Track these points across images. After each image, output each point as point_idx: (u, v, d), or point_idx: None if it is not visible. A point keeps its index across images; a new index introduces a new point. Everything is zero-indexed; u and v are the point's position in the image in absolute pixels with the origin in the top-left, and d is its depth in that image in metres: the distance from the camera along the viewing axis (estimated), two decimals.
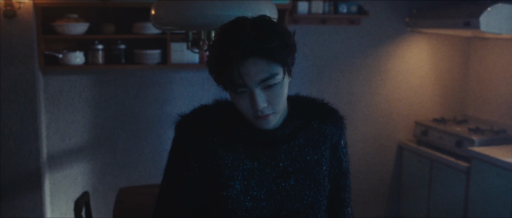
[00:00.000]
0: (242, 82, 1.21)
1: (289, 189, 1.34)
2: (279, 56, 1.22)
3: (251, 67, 1.20)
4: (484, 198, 3.53)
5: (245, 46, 1.19)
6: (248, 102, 1.24)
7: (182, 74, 3.85)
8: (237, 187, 1.32)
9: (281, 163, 1.35)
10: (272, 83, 1.23)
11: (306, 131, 1.39)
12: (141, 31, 3.54)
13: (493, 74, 4.24)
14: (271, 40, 1.20)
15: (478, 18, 3.48)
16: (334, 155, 1.44)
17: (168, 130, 3.88)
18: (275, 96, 1.25)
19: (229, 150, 1.33)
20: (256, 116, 1.26)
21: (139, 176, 3.86)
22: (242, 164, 1.33)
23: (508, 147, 3.70)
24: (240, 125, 1.35)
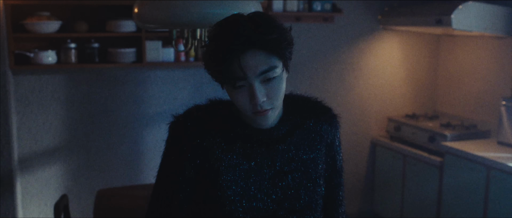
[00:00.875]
0: (241, 75, 1.20)
1: (286, 189, 1.34)
2: (278, 48, 1.22)
3: (251, 59, 1.20)
4: (457, 191, 3.62)
5: (245, 38, 1.19)
6: (247, 97, 1.23)
7: (157, 72, 3.80)
8: (234, 188, 1.31)
9: (277, 163, 1.34)
10: (271, 76, 1.23)
11: (301, 130, 1.38)
12: (115, 29, 3.47)
13: (462, 71, 4.34)
14: (269, 32, 1.20)
15: (450, 16, 3.56)
16: (329, 153, 1.44)
17: (143, 129, 3.82)
18: (274, 90, 1.25)
19: (226, 150, 1.32)
20: (255, 111, 1.25)
21: (116, 177, 3.79)
22: (239, 165, 1.32)
23: (479, 141, 3.80)
24: (236, 125, 1.34)
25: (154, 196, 1.41)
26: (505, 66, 3.92)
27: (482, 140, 3.83)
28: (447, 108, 4.52)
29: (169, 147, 1.37)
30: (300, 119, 1.39)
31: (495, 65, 4.01)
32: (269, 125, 1.33)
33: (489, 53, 4.08)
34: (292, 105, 1.41)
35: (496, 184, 3.30)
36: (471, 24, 3.65)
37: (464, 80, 4.32)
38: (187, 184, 1.35)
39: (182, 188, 1.35)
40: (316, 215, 1.40)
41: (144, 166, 3.87)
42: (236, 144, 1.32)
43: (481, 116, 4.14)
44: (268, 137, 1.34)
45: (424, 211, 3.91)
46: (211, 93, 3.91)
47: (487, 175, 3.36)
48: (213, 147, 1.32)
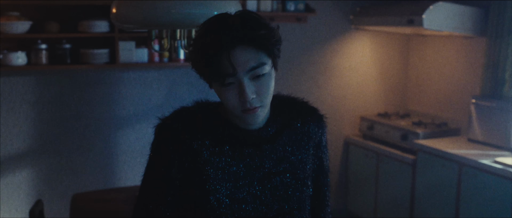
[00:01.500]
0: (231, 71, 1.19)
1: (274, 191, 1.33)
2: (267, 45, 1.22)
3: (240, 55, 1.20)
4: (430, 188, 3.68)
5: (234, 34, 1.19)
6: (236, 94, 1.22)
7: (131, 74, 3.75)
8: (223, 191, 1.29)
9: (266, 164, 1.33)
10: (260, 73, 1.23)
11: (289, 131, 1.38)
12: (88, 29, 3.41)
13: (432, 70, 4.43)
14: (258, 28, 1.21)
15: (421, 16, 3.62)
16: (316, 154, 1.44)
17: (117, 131, 3.76)
18: (263, 88, 1.24)
19: (214, 153, 1.31)
20: (245, 109, 1.24)
21: (89, 180, 3.72)
22: (228, 167, 1.31)
23: (450, 138, 3.88)
24: (224, 126, 1.32)
25: (140, 199, 1.38)
26: (473, 65, 4.01)
27: (453, 138, 3.92)
28: (417, 107, 4.60)
29: (155, 150, 1.35)
30: (287, 120, 1.39)
31: (464, 64, 4.11)
32: (258, 125, 1.33)
33: (458, 52, 4.17)
34: (279, 105, 1.40)
35: (468, 180, 3.38)
36: (441, 24, 3.72)
37: (433, 79, 4.41)
38: (174, 188, 1.32)
39: (169, 192, 1.33)
40: (305, 215, 1.40)
41: (118, 169, 3.80)
42: (225, 146, 1.31)
43: (451, 114, 4.23)
44: (256, 138, 1.33)
45: (398, 208, 3.98)
46: (185, 94, 3.88)
47: (459, 172, 3.43)
48: (201, 150, 1.30)
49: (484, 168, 3.26)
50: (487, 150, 3.53)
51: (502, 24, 3.60)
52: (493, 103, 3.60)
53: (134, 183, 3.78)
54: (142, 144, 3.82)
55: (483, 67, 3.76)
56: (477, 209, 3.33)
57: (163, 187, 1.33)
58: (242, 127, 1.32)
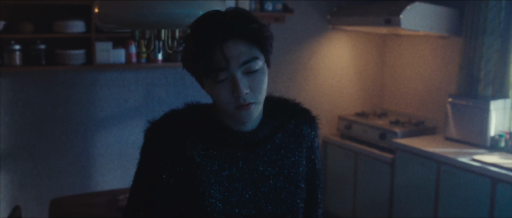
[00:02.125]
0: (224, 65, 1.18)
1: (268, 194, 1.32)
2: (259, 39, 1.22)
3: (232, 48, 1.19)
4: (408, 187, 3.72)
5: (226, 27, 1.18)
6: (229, 90, 1.21)
7: (108, 75, 3.67)
8: (216, 196, 1.27)
9: (259, 168, 1.31)
10: (253, 68, 1.21)
11: (282, 133, 1.36)
12: (63, 30, 3.32)
13: (407, 69, 4.48)
14: (250, 22, 1.21)
15: (399, 16, 3.65)
16: (309, 156, 1.43)
17: (94, 134, 3.68)
18: (257, 83, 1.22)
19: (207, 156, 1.28)
20: (238, 105, 1.22)
21: (66, 185, 3.63)
22: (221, 171, 1.28)
23: (427, 137, 3.93)
24: (216, 128, 1.30)
25: (131, 205, 1.34)
26: (449, 64, 4.07)
27: (430, 136, 3.97)
28: (394, 106, 4.65)
29: (146, 155, 1.31)
30: (280, 122, 1.37)
31: (440, 64, 4.17)
32: (251, 125, 1.30)
33: (434, 52, 4.23)
34: (271, 107, 1.38)
35: (446, 179, 3.42)
36: (418, 24, 3.77)
37: (410, 78, 4.46)
38: (166, 193, 1.29)
39: (160, 197, 1.29)
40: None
41: (95, 172, 3.72)
42: (217, 150, 1.29)
43: (427, 113, 4.29)
44: (249, 140, 1.30)
45: (377, 207, 4.01)
46: (163, 95, 3.83)
47: (437, 170, 3.48)
48: (193, 154, 1.27)
49: (462, 166, 3.31)
50: (464, 148, 3.59)
51: (477, 24, 3.66)
52: (469, 102, 3.66)
53: (113, 186, 3.71)
54: (120, 146, 3.76)
55: (459, 67, 3.82)
56: (455, 207, 3.38)
57: (154, 192, 1.29)
58: (235, 129, 1.30)
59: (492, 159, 3.27)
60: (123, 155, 3.77)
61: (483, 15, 3.61)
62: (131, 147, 3.78)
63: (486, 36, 3.60)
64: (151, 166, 1.29)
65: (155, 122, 1.32)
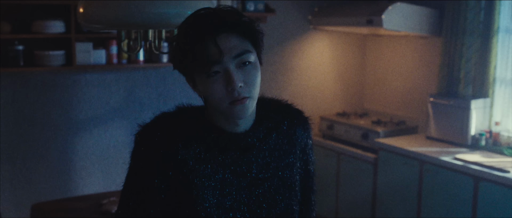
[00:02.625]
0: (217, 57, 1.17)
1: (262, 197, 1.30)
2: (251, 32, 1.22)
3: (225, 41, 1.18)
4: (391, 186, 3.74)
5: (218, 21, 1.18)
6: (223, 84, 1.19)
7: (88, 76, 3.60)
8: (210, 200, 1.24)
9: (253, 170, 1.29)
10: (246, 60, 1.20)
11: (276, 135, 1.34)
12: (42, 30, 3.25)
13: (388, 69, 4.51)
14: (241, 16, 1.21)
15: (381, 16, 3.67)
16: (302, 157, 1.41)
17: (74, 137, 3.61)
18: (251, 77, 1.21)
19: (200, 160, 1.25)
20: (233, 100, 1.19)
21: (46, 189, 3.54)
22: (214, 175, 1.25)
23: (409, 136, 3.96)
24: (209, 130, 1.27)
25: (122, 211, 1.30)
26: (429, 64, 4.11)
27: (412, 136, 4.00)
28: (374, 106, 4.67)
29: (137, 160, 1.28)
30: (273, 123, 1.35)
31: (420, 64, 4.21)
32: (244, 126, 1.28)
33: (414, 52, 4.27)
34: (264, 108, 1.36)
35: (429, 178, 3.45)
36: (399, 24, 3.79)
37: (390, 78, 4.49)
38: (158, 199, 1.26)
39: (152, 203, 1.26)
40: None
41: (75, 175, 3.65)
42: (210, 153, 1.26)
43: (408, 112, 4.32)
44: (243, 142, 1.28)
45: (360, 207, 4.02)
46: (144, 96, 3.78)
47: (420, 169, 3.51)
48: (186, 158, 1.24)
49: (445, 165, 3.34)
50: (445, 147, 3.63)
51: (457, 24, 3.70)
52: (450, 101, 3.70)
53: (94, 190, 3.64)
54: (101, 149, 3.69)
55: (439, 66, 3.86)
56: (438, 206, 3.41)
57: (146, 198, 1.26)
58: (228, 130, 1.27)
59: (474, 157, 3.31)
60: (104, 158, 3.70)
61: (463, 15, 3.66)
62: (112, 150, 3.71)
63: (466, 36, 3.65)
64: (143, 170, 1.26)
65: (146, 125, 1.29)
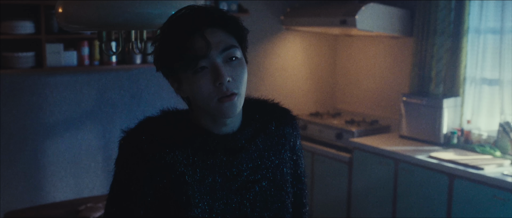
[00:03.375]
0: (204, 52, 1.15)
1: (254, 200, 1.28)
2: (237, 29, 1.21)
3: (211, 36, 1.17)
4: (366, 186, 3.78)
5: (205, 15, 1.17)
6: (211, 80, 1.17)
7: (58, 78, 3.49)
8: (200, 205, 1.21)
9: (243, 173, 1.27)
10: (233, 55, 1.19)
11: (264, 135, 1.32)
12: (11, 31, 3.14)
13: (359, 69, 4.55)
14: (226, 13, 1.21)
15: (354, 17, 3.70)
16: (291, 157, 1.39)
17: (44, 141, 3.49)
18: (238, 73, 1.20)
19: (188, 164, 1.22)
20: (222, 96, 1.17)
21: (16, 196, 3.42)
22: (204, 179, 1.23)
23: (382, 136, 4.01)
24: (196, 133, 1.24)
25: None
26: (401, 64, 4.17)
27: (385, 135, 4.05)
28: (347, 106, 4.71)
29: (122, 167, 1.24)
30: (261, 123, 1.33)
31: (392, 63, 4.26)
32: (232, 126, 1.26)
33: (385, 52, 4.32)
34: (251, 108, 1.34)
35: (404, 176, 3.49)
36: (372, 24, 3.83)
37: (362, 78, 4.53)
38: (146, 206, 1.22)
39: (140, 210, 1.22)
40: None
41: (46, 181, 3.53)
42: (199, 156, 1.23)
43: (380, 112, 4.37)
44: (231, 144, 1.25)
45: (335, 207, 4.04)
46: (117, 99, 3.70)
47: (396, 168, 3.55)
48: (174, 163, 1.21)
49: (420, 164, 3.39)
50: (418, 145, 3.68)
51: (428, 24, 3.76)
52: (422, 100, 3.75)
53: (66, 196, 3.54)
54: (73, 153, 3.59)
55: (411, 66, 3.92)
56: (414, 204, 3.45)
57: (134, 206, 1.22)
58: (216, 132, 1.25)
59: (448, 155, 3.37)
60: (76, 163, 3.60)
61: (433, 16, 3.72)
62: (84, 154, 3.62)
63: (437, 36, 3.72)
64: (129, 177, 1.22)
65: (130, 130, 1.25)
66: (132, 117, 3.77)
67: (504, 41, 3.45)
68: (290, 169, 1.38)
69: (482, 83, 3.65)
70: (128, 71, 3.70)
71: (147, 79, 3.77)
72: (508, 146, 3.35)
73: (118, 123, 3.71)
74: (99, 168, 3.68)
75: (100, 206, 2.61)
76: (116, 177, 1.25)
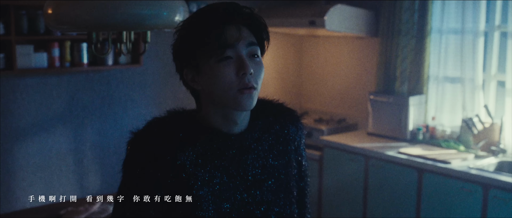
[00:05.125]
0: (233, 41, 1.19)
1: (260, 199, 1.30)
2: (263, 31, 1.26)
3: (241, 29, 1.21)
4: (337, 183, 3.87)
5: (236, 10, 1.21)
6: (234, 69, 1.19)
7: (28, 80, 3.40)
8: (209, 205, 1.23)
9: (250, 173, 1.29)
10: (255, 53, 1.23)
11: (270, 135, 1.34)
12: None
13: (325, 69, 4.66)
14: (260, 17, 1.25)
15: (323, 18, 3.79)
16: (295, 157, 1.41)
17: (13, 145, 3.40)
18: (258, 69, 1.23)
19: (198, 164, 1.23)
20: (243, 87, 1.20)
21: None
22: (213, 178, 1.24)
23: (351, 133, 4.12)
24: (204, 133, 1.25)
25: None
26: (366, 63, 4.30)
27: (353, 132, 4.16)
28: (314, 105, 4.80)
29: (132, 168, 1.23)
30: (267, 123, 1.35)
31: (358, 63, 4.38)
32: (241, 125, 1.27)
33: (351, 52, 4.44)
34: (257, 108, 1.34)
35: (374, 172, 3.61)
36: (340, 25, 3.93)
37: (328, 77, 4.64)
38: (156, 207, 1.23)
39: (150, 211, 1.23)
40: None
41: (16, 187, 3.43)
42: (208, 156, 1.24)
43: (346, 110, 4.49)
44: (239, 144, 1.27)
45: None
46: (88, 101, 3.64)
47: (366, 164, 3.66)
48: (184, 163, 1.22)
49: (390, 159, 3.51)
50: (386, 142, 3.81)
51: (393, 25, 3.90)
52: (389, 98, 3.88)
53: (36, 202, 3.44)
54: (43, 157, 3.50)
55: (377, 66, 4.05)
56: (384, 198, 3.57)
57: (145, 207, 1.22)
58: (224, 131, 1.26)
59: (416, 151, 3.51)
60: (47, 167, 3.52)
61: (398, 17, 3.86)
62: (55, 158, 3.54)
63: (401, 36, 3.86)
64: (139, 179, 1.22)
65: (138, 131, 1.25)
66: (103, 120, 3.72)
67: (465, 41, 3.62)
68: (295, 169, 1.40)
69: (444, 81, 3.81)
70: (99, 73, 3.65)
71: (118, 81, 3.73)
72: (470, 140, 3.52)
73: (89, 126, 3.65)
74: (70, 171, 3.61)
75: (81, 209, 2.58)
76: (125, 179, 1.24)
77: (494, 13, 3.58)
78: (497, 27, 3.58)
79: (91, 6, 1.86)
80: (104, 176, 3.73)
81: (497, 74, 3.63)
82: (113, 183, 3.67)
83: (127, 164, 1.24)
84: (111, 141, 3.76)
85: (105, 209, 2.61)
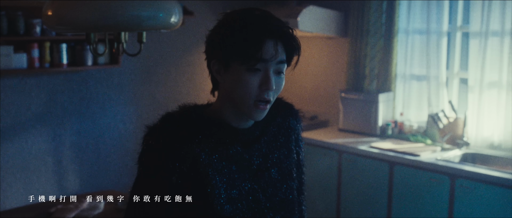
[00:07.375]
0: (267, 58, 1.25)
1: (265, 186, 1.39)
2: (294, 47, 1.32)
3: (274, 48, 1.27)
4: (311, 178, 4.00)
5: (281, 27, 1.28)
6: (258, 82, 1.27)
7: (7, 81, 3.40)
8: (222, 194, 1.31)
9: (255, 162, 1.38)
10: (282, 70, 1.31)
11: (273, 127, 1.44)
12: None
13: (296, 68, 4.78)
14: (296, 36, 1.32)
15: (296, 19, 3.93)
16: (295, 149, 1.51)
17: None
18: (279, 86, 1.31)
19: (212, 155, 1.31)
20: (261, 99, 1.28)
21: None
22: (223, 169, 1.32)
23: (323, 129, 4.27)
24: (217, 127, 1.34)
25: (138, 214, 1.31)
26: (336, 63, 4.46)
27: (325, 129, 4.32)
28: None
29: (149, 161, 1.30)
30: (270, 116, 1.43)
31: (328, 62, 4.54)
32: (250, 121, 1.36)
33: (321, 52, 4.59)
34: None
35: (348, 166, 3.77)
36: (312, 26, 4.08)
37: (299, 76, 4.78)
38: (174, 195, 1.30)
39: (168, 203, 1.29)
40: (296, 208, 1.47)
41: None
42: (220, 148, 1.33)
43: (317, 108, 4.64)
44: (247, 137, 1.37)
45: None
46: (67, 102, 3.66)
47: (339, 159, 3.82)
48: (200, 154, 1.29)
49: (362, 154, 3.67)
50: (357, 137, 3.97)
51: (361, 26, 4.08)
52: (359, 96, 4.06)
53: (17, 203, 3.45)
54: (23, 157, 3.50)
55: (347, 65, 4.22)
56: (357, 191, 3.73)
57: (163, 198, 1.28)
58: (234, 125, 1.35)
59: (387, 145, 3.69)
60: (26, 168, 3.51)
61: (366, 18, 4.03)
62: (34, 158, 3.54)
63: (370, 36, 4.04)
64: (157, 171, 1.28)
65: (154, 126, 1.32)
66: (82, 120, 3.74)
67: (430, 41, 3.82)
68: (295, 159, 1.50)
69: (411, 79, 4.01)
70: (77, 73, 3.67)
71: (96, 81, 3.76)
72: (436, 134, 3.73)
73: (68, 126, 3.67)
74: (50, 171, 3.61)
75: (71, 207, 2.62)
76: (143, 173, 1.30)
77: (456, 14, 3.80)
78: (459, 28, 3.81)
79: (91, 7, 1.92)
80: (83, 176, 3.75)
81: (460, 71, 3.85)
82: (92, 182, 3.69)
83: (144, 158, 1.30)
84: (89, 140, 3.78)
85: (95, 206, 2.65)
